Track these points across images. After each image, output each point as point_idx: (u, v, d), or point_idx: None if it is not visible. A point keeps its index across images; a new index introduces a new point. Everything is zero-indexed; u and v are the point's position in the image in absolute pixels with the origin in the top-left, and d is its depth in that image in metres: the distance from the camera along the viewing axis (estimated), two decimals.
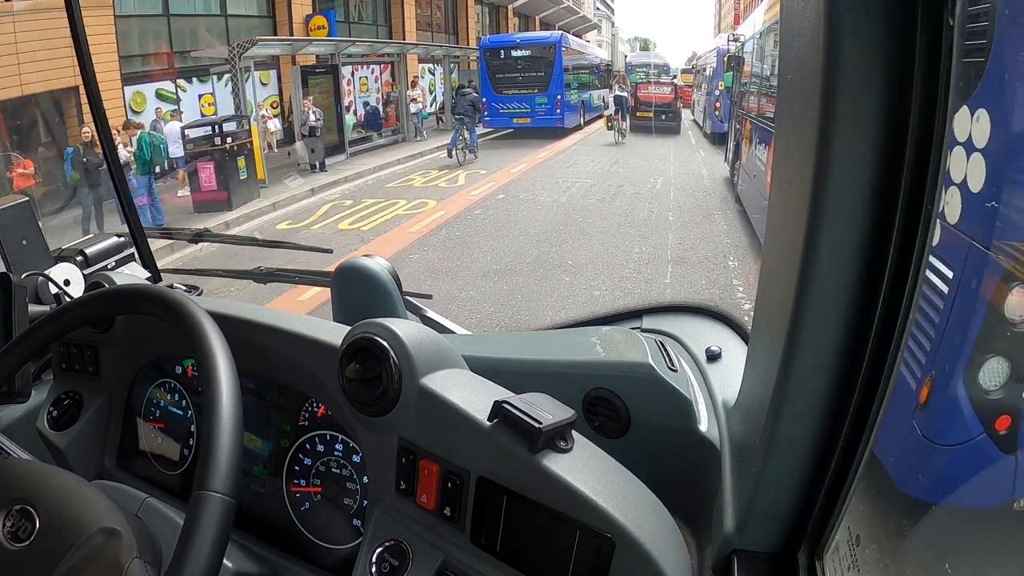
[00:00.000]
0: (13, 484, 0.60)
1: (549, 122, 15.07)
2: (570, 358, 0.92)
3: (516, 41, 15.98)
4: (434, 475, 0.66)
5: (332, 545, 0.76)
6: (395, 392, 0.67)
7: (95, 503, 0.61)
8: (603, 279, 5.30)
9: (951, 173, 0.49)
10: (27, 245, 1.15)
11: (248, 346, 0.76)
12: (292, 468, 0.79)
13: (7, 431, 0.92)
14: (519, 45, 15.56)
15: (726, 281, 5.20)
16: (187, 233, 1.67)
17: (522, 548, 0.62)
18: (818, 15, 0.48)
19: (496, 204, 8.43)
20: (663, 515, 0.64)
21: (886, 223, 0.50)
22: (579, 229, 7.04)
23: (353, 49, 12.73)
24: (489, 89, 15.26)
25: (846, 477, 0.57)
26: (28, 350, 0.73)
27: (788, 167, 0.56)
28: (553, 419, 0.61)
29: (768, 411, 0.58)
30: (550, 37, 16.16)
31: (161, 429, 0.89)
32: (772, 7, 6.73)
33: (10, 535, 0.57)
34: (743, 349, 0.99)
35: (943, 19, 0.45)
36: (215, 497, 0.54)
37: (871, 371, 0.53)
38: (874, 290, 0.52)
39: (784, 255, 0.56)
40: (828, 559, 0.58)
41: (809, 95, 0.50)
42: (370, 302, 1.01)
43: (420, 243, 6.68)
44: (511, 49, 15.43)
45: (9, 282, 0.94)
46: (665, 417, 0.85)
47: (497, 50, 15.43)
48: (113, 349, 0.91)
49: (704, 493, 0.79)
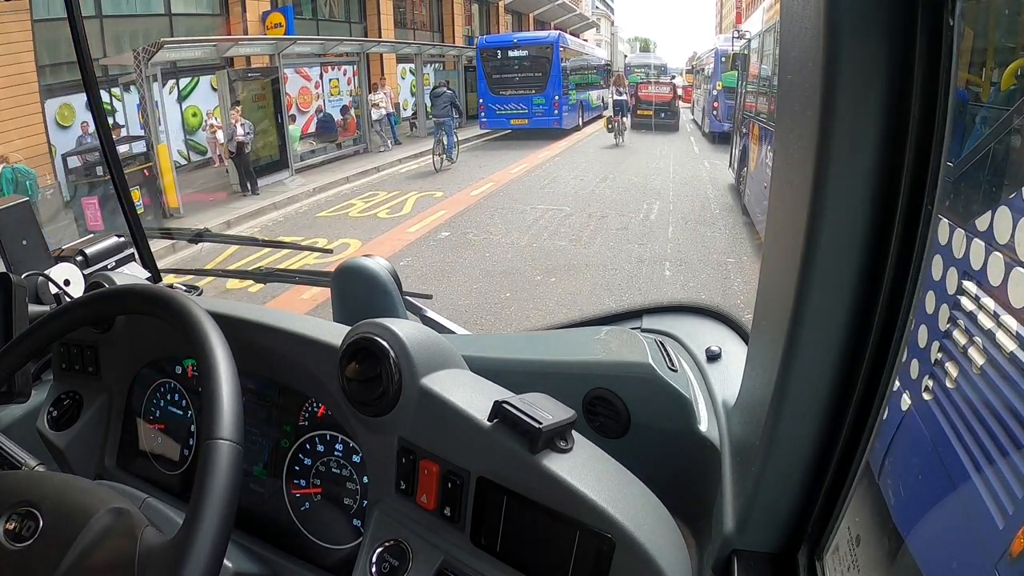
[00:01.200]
0: (14, 489, 0.60)
1: (547, 123, 14.93)
2: (570, 358, 0.92)
3: (513, 41, 15.81)
4: (434, 475, 0.66)
5: (332, 545, 0.76)
6: (395, 392, 0.67)
7: (97, 491, 0.62)
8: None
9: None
10: (27, 245, 1.15)
11: (248, 346, 0.76)
12: (292, 468, 0.79)
13: (7, 431, 0.92)
14: (516, 45, 15.40)
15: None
16: (187, 233, 1.67)
17: (522, 548, 0.62)
18: (818, 15, 0.48)
19: (433, 248, 6.22)
20: (663, 515, 0.64)
21: (886, 223, 0.50)
22: (531, 298, 4.74)
23: (301, 48, 11.13)
24: (486, 90, 15.16)
25: (846, 477, 0.57)
26: (28, 350, 0.73)
27: (788, 167, 0.56)
28: (553, 419, 0.61)
29: (768, 411, 0.58)
30: (548, 37, 16.01)
31: (161, 429, 0.89)
32: (779, 1, 6.45)
33: (11, 536, 0.57)
34: (743, 349, 0.99)
35: (943, 19, 0.45)
36: (224, 444, 0.55)
37: (871, 371, 0.53)
38: (874, 290, 0.52)
39: (784, 255, 0.56)
40: (828, 559, 0.58)
41: (809, 95, 0.50)
42: (370, 302, 1.01)
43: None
44: (508, 49, 15.27)
45: (9, 282, 0.94)
46: (665, 417, 0.85)
47: (494, 50, 15.28)
48: (113, 349, 0.91)
49: (704, 493, 0.79)
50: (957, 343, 0.42)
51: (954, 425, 0.42)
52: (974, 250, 0.41)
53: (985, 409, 0.39)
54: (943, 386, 0.44)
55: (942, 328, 0.44)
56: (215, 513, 0.52)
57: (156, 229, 1.67)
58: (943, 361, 0.44)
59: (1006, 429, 0.37)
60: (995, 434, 0.38)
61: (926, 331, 0.47)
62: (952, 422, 0.42)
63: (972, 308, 0.41)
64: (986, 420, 0.39)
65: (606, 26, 46.28)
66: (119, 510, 0.59)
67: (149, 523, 0.59)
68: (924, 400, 0.45)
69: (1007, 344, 0.38)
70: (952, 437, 0.41)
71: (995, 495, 0.37)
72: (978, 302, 0.41)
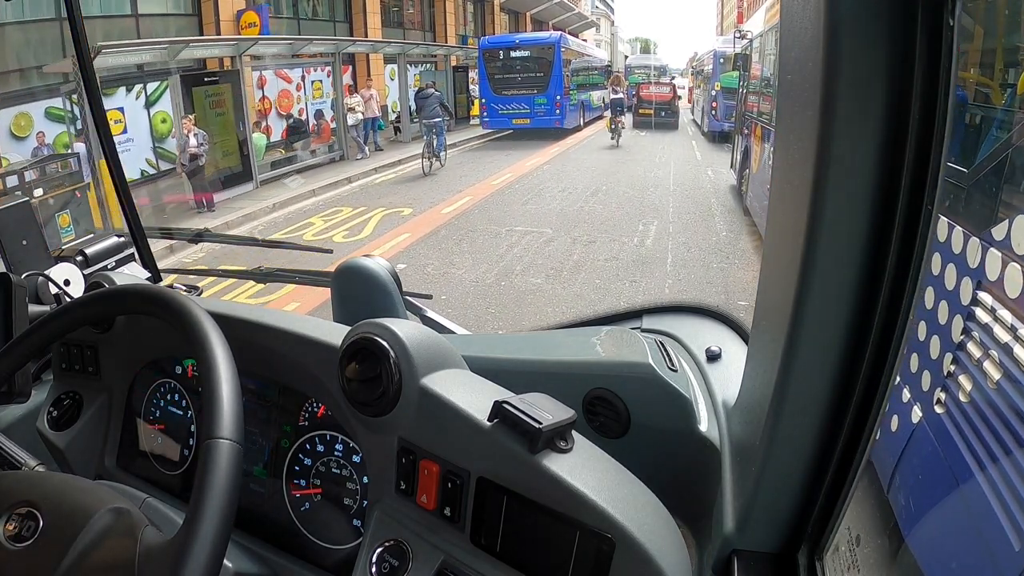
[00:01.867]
0: (14, 489, 0.60)
1: (548, 122, 15.09)
2: (570, 358, 0.92)
3: (515, 42, 16.03)
4: (434, 475, 0.66)
5: (332, 545, 0.76)
6: (395, 392, 0.67)
7: (97, 491, 0.62)
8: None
9: None
10: (27, 245, 1.15)
11: (248, 346, 0.76)
12: (292, 468, 0.79)
13: (7, 431, 0.92)
14: (519, 46, 15.59)
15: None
16: (187, 233, 1.67)
17: (522, 548, 0.62)
18: (818, 15, 0.48)
19: None
20: (663, 515, 0.64)
21: (886, 223, 0.50)
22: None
23: (266, 48, 10.23)
24: (488, 90, 15.29)
25: (846, 477, 0.57)
26: (28, 350, 0.73)
27: (788, 167, 0.56)
28: (553, 419, 0.61)
29: (768, 411, 0.58)
30: (549, 38, 16.21)
31: (161, 429, 0.89)
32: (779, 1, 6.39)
33: (12, 536, 0.57)
34: (743, 349, 0.99)
35: (943, 19, 0.45)
36: (224, 443, 0.55)
37: (871, 371, 0.53)
38: (874, 290, 0.52)
39: (784, 255, 0.56)
40: (828, 559, 0.58)
41: (809, 95, 0.50)
42: (370, 302, 1.01)
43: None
44: (510, 50, 15.46)
45: (9, 282, 0.94)
46: (665, 417, 0.85)
47: (496, 51, 15.44)
48: (113, 349, 0.91)
49: (704, 493, 0.79)
50: (968, 353, 0.42)
51: (965, 436, 0.41)
52: (990, 260, 0.40)
53: (996, 418, 0.38)
54: (953, 395, 0.43)
55: (954, 339, 0.43)
56: (215, 512, 0.52)
57: (156, 229, 1.67)
58: (955, 373, 0.43)
59: (1015, 436, 0.36)
60: (1005, 443, 0.37)
61: (926, 328, 0.47)
62: (963, 433, 0.41)
63: (986, 319, 0.40)
64: (997, 430, 0.38)
65: (606, 26, 46.26)
66: (119, 510, 0.59)
67: (149, 523, 0.59)
68: (935, 411, 0.45)
69: (1021, 353, 0.37)
70: (963, 449, 0.41)
71: (1009, 511, 0.36)
72: (994, 314, 0.40)
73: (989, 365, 0.39)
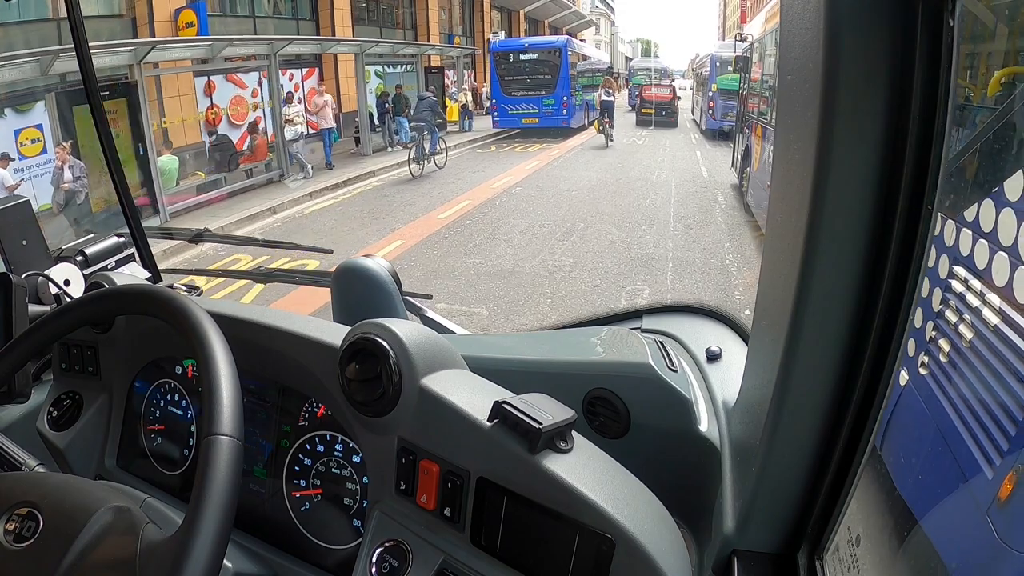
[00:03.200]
0: (14, 489, 0.60)
1: (555, 122, 15.65)
2: (570, 358, 0.92)
3: (524, 45, 16.76)
4: (434, 475, 0.66)
5: (332, 545, 0.76)
6: (395, 392, 0.67)
7: (97, 490, 0.62)
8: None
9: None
10: (27, 245, 1.15)
11: (248, 346, 0.76)
12: (292, 468, 0.79)
13: (7, 431, 0.92)
14: (527, 49, 16.27)
15: None
16: (187, 233, 1.67)
17: (522, 548, 0.62)
18: (818, 15, 0.48)
19: None
20: (663, 515, 0.64)
21: (886, 223, 0.50)
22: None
23: (165, 53, 8.12)
24: (499, 91, 15.90)
25: (846, 477, 0.57)
26: (28, 350, 0.73)
27: (788, 167, 0.56)
28: (553, 419, 0.61)
29: (768, 411, 0.58)
30: (557, 41, 17.03)
31: (161, 430, 0.89)
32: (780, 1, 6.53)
33: (12, 536, 0.57)
34: (743, 349, 0.99)
35: (943, 19, 0.45)
36: (224, 439, 0.55)
37: (871, 371, 0.53)
38: (874, 290, 0.52)
39: (784, 255, 0.56)
40: (828, 559, 0.58)
41: (809, 95, 0.50)
42: (370, 302, 1.01)
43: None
44: (519, 52, 16.10)
45: (9, 282, 0.94)
46: (665, 417, 0.85)
47: (506, 53, 16.08)
48: (113, 349, 0.91)
49: (704, 493, 0.79)
50: (960, 334, 0.43)
51: (954, 403, 0.42)
52: (963, 239, 0.43)
53: (987, 393, 0.39)
54: (943, 370, 0.44)
55: (946, 322, 0.45)
56: (216, 508, 0.52)
57: (156, 229, 1.68)
58: (941, 343, 0.45)
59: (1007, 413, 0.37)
60: (997, 416, 0.38)
61: (929, 325, 0.47)
62: (953, 402, 0.43)
63: (976, 302, 0.41)
64: (989, 404, 0.39)
65: (606, 26, 46.20)
66: (119, 508, 0.59)
67: (149, 521, 0.59)
68: (922, 378, 0.46)
69: (1008, 333, 0.38)
70: (954, 417, 0.42)
71: (986, 453, 0.39)
72: (972, 290, 0.42)
73: (976, 341, 0.41)
